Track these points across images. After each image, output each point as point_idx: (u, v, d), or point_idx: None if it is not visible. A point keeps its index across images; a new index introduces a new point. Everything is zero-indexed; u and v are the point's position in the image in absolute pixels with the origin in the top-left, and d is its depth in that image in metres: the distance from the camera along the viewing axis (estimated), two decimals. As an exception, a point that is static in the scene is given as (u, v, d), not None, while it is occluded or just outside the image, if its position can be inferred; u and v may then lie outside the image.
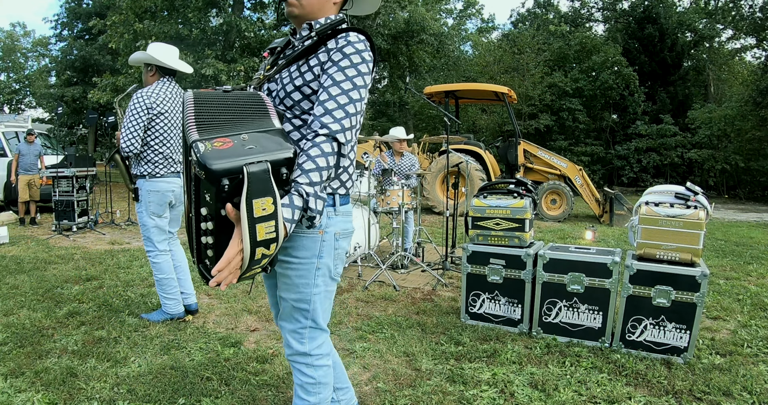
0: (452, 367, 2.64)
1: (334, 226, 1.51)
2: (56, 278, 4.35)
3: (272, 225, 1.16)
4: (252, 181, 1.12)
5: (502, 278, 3.23)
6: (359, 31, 1.42)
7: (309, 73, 1.43)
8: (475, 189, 8.38)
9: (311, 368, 1.58)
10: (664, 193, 3.01)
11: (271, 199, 1.15)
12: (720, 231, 8.09)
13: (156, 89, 3.11)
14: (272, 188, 1.15)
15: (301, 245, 1.47)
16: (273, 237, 1.17)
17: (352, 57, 1.38)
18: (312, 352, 1.58)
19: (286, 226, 1.23)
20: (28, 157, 7.98)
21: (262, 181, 1.13)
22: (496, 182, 3.65)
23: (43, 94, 23.83)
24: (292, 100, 1.45)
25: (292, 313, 1.55)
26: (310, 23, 1.50)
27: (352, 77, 1.38)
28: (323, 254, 1.50)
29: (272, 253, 1.21)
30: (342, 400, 1.89)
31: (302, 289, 1.51)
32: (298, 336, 1.57)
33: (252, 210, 1.12)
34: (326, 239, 1.49)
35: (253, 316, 3.47)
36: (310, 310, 1.54)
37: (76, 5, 22.22)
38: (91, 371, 2.55)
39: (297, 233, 1.46)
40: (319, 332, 1.59)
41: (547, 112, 17.84)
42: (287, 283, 1.53)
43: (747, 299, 4.00)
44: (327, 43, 1.41)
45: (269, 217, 1.15)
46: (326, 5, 1.51)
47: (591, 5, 23.72)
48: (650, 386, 2.49)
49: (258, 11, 15.88)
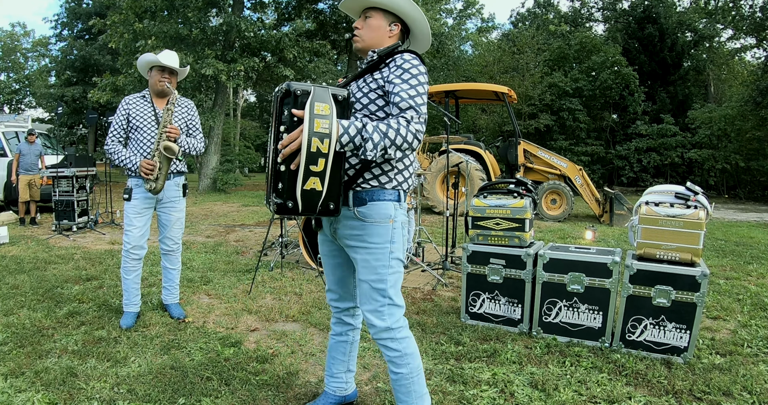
0: (452, 367, 2.64)
1: (401, 217, 1.85)
2: (56, 278, 4.35)
3: (327, 123, 1.53)
4: (316, 93, 1.56)
5: (502, 278, 3.23)
6: (411, 52, 1.78)
7: (374, 83, 1.79)
8: (475, 189, 8.38)
9: (395, 342, 1.82)
10: (664, 193, 3.01)
11: (328, 105, 1.56)
12: (720, 231, 8.08)
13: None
14: (329, 99, 1.57)
15: (376, 232, 1.79)
16: (327, 132, 1.53)
17: (410, 70, 1.73)
18: (393, 326, 1.82)
19: (340, 128, 1.57)
20: (29, 157, 7.98)
21: (322, 94, 1.57)
22: (496, 182, 3.65)
23: (43, 94, 23.84)
24: (361, 104, 1.80)
25: (371, 294, 1.83)
26: (374, 51, 1.88)
27: (414, 84, 1.71)
28: (395, 240, 1.82)
29: (326, 151, 1.53)
30: (349, 382, 2.22)
31: (380, 270, 1.81)
32: (378, 314, 1.82)
33: (313, 108, 1.53)
34: (396, 227, 1.82)
35: (253, 316, 3.47)
36: (387, 289, 1.81)
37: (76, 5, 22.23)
38: (91, 371, 2.55)
39: (369, 223, 1.78)
40: (396, 308, 1.84)
41: (547, 111, 17.84)
42: (366, 267, 1.82)
43: (747, 299, 4.00)
44: (388, 62, 1.78)
45: (325, 117, 1.54)
46: (383, 40, 1.90)
47: (591, 5, 23.73)
48: (650, 386, 2.49)
49: (258, 11, 15.88)
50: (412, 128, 1.64)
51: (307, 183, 1.55)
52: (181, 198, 3.35)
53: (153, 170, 3.04)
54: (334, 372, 2.19)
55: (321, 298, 3.87)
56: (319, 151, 1.52)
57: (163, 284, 3.49)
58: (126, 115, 3.20)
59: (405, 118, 1.65)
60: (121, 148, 3.20)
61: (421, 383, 1.86)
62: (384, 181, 1.80)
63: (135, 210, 3.17)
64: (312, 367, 2.68)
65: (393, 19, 1.90)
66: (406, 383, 1.83)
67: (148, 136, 3.18)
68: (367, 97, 1.79)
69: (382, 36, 1.89)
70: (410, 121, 1.65)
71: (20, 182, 7.83)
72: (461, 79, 19.75)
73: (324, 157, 1.53)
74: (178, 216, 3.35)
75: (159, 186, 3.09)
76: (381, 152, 1.62)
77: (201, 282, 4.30)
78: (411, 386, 1.84)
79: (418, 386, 1.85)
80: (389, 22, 1.90)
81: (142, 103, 3.24)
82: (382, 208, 1.79)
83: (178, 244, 3.43)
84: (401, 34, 1.94)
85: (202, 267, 4.88)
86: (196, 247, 5.92)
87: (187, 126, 3.34)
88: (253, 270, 4.67)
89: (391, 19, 1.90)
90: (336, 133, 1.56)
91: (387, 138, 1.61)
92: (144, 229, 3.22)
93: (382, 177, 1.80)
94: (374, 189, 1.79)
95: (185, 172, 3.41)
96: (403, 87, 1.70)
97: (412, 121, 1.65)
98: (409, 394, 1.84)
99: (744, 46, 19.87)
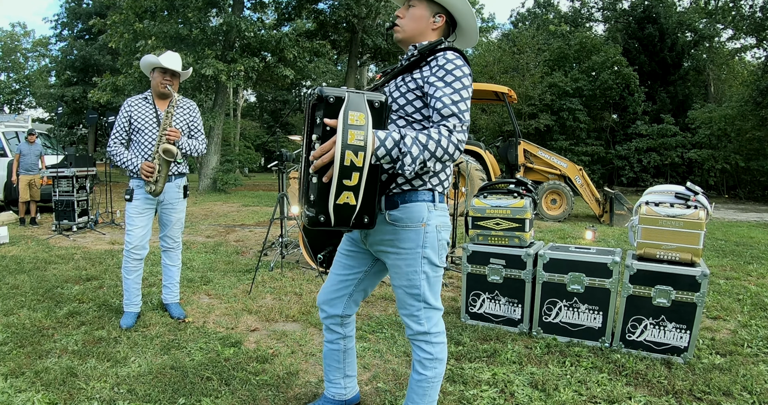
0: (452, 367, 2.64)
1: (435, 219, 1.73)
2: (56, 278, 4.35)
3: (362, 134, 1.43)
4: (350, 100, 1.47)
5: (502, 278, 3.23)
6: (454, 50, 1.65)
7: (413, 83, 1.67)
8: (475, 189, 8.38)
9: (430, 345, 1.78)
10: (664, 192, 3.01)
11: (363, 114, 1.46)
12: (720, 231, 8.08)
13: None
14: (365, 107, 1.47)
15: (407, 238, 1.71)
16: (361, 145, 1.42)
17: (454, 72, 1.60)
18: (431, 331, 1.77)
19: (376, 140, 1.46)
20: (29, 157, 7.97)
21: (357, 101, 1.47)
22: (496, 182, 3.65)
23: (43, 94, 23.84)
24: (398, 104, 1.70)
25: (405, 299, 1.77)
26: (415, 45, 1.76)
27: (458, 87, 1.59)
28: (427, 245, 1.72)
29: (360, 165, 1.43)
30: (348, 387, 2.15)
31: (411, 276, 1.73)
32: (415, 318, 1.77)
33: (347, 118, 1.43)
34: (429, 231, 1.71)
35: (253, 316, 3.47)
36: (421, 294, 1.74)
37: (76, 5, 22.23)
38: (91, 371, 2.55)
39: (402, 227, 1.70)
40: (433, 312, 1.78)
41: (547, 111, 17.84)
42: (398, 273, 1.75)
43: (747, 299, 4.00)
44: (429, 60, 1.65)
45: (360, 127, 1.44)
46: (426, 31, 1.77)
47: (591, 5, 23.73)
48: (650, 386, 2.49)
49: (258, 11, 15.88)
50: (454, 138, 1.52)
51: (340, 197, 1.47)
52: (182, 199, 3.37)
53: (153, 173, 3.06)
54: (331, 378, 2.13)
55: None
56: (353, 164, 1.42)
57: (163, 283, 3.49)
58: (128, 117, 3.21)
59: (447, 128, 1.53)
60: (123, 150, 3.21)
61: (437, 389, 1.84)
62: (417, 185, 1.71)
63: (137, 210, 3.18)
64: (312, 367, 2.68)
65: (438, 9, 1.77)
66: (426, 386, 1.80)
67: (150, 138, 3.19)
68: (405, 97, 1.69)
69: (424, 27, 1.77)
70: (452, 131, 1.53)
71: (20, 182, 7.83)
72: (461, 79, 19.69)
73: (359, 171, 1.44)
74: (178, 216, 3.38)
75: (159, 188, 3.10)
76: (420, 166, 1.51)
77: (201, 282, 4.30)
78: (428, 390, 1.81)
79: (434, 392, 1.82)
80: (433, 13, 1.77)
81: (143, 104, 3.25)
82: (415, 210, 1.69)
83: (178, 242, 3.45)
84: (446, 28, 1.81)
85: (202, 267, 4.88)
86: (196, 247, 5.92)
87: (189, 127, 3.35)
88: (253, 270, 4.67)
89: (435, 10, 1.77)
90: (372, 146, 1.45)
91: (427, 150, 1.49)
92: (146, 229, 3.23)
93: (415, 180, 1.71)
94: (407, 191, 1.70)
95: (186, 173, 3.42)
96: (446, 91, 1.58)
97: (454, 131, 1.53)
98: (424, 398, 1.81)
99: (744, 46, 19.87)
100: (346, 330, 2.04)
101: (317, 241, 4.55)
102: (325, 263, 4.47)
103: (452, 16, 1.81)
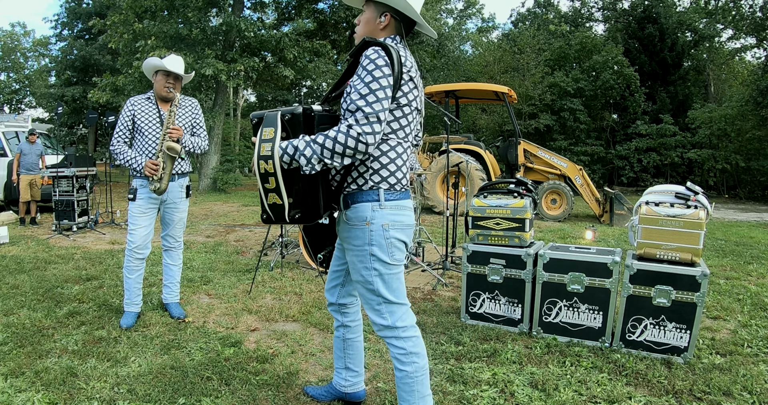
0: (452, 367, 2.64)
1: (381, 218, 1.78)
2: (56, 278, 4.35)
3: (269, 146, 1.68)
4: (266, 118, 1.74)
5: (502, 278, 3.23)
6: (376, 44, 1.69)
7: (350, 87, 1.73)
8: (475, 189, 8.38)
9: (400, 340, 1.83)
10: (664, 192, 3.01)
11: (272, 129, 1.70)
12: (720, 231, 8.08)
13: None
14: (276, 123, 1.71)
15: (356, 236, 1.81)
16: (269, 154, 1.68)
17: (367, 66, 1.66)
18: (396, 325, 1.83)
19: (279, 149, 1.66)
20: (30, 156, 7.97)
21: (271, 118, 1.73)
22: (496, 182, 3.65)
23: (43, 94, 23.84)
24: (350, 111, 1.75)
25: (365, 293, 1.86)
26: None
27: (368, 80, 1.64)
28: (373, 243, 1.79)
29: (272, 171, 1.67)
30: (349, 381, 2.21)
31: (363, 272, 1.83)
32: (377, 312, 1.84)
33: (261, 134, 1.72)
34: (374, 230, 1.78)
35: (253, 316, 3.47)
36: (375, 289, 1.82)
37: (76, 5, 22.21)
38: (91, 371, 2.55)
39: (351, 225, 1.81)
40: (395, 306, 1.84)
41: (547, 111, 17.82)
42: (354, 268, 1.86)
43: (747, 299, 4.00)
44: (361, 61, 1.71)
45: (269, 140, 1.70)
46: (375, 32, 1.83)
47: (591, 5, 23.72)
48: (650, 386, 2.49)
49: (258, 11, 15.87)
50: (353, 132, 1.60)
51: (268, 198, 1.73)
52: (185, 199, 3.38)
53: (157, 170, 3.08)
54: (336, 366, 2.25)
55: (321, 298, 3.87)
56: (266, 171, 1.68)
57: (163, 282, 3.49)
58: (131, 116, 3.22)
59: (347, 123, 1.63)
60: (127, 149, 3.23)
61: (425, 384, 1.85)
62: (361, 183, 1.79)
63: (140, 210, 3.19)
64: (312, 367, 2.68)
65: (384, 8, 1.81)
66: (410, 382, 1.83)
67: (153, 137, 3.21)
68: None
69: (373, 29, 1.83)
70: (352, 125, 1.61)
71: (21, 182, 7.83)
72: (461, 79, 19.72)
73: (273, 175, 1.68)
74: (180, 216, 3.39)
75: (163, 186, 3.11)
76: (319, 165, 1.64)
77: (201, 282, 4.30)
78: (414, 385, 1.83)
79: (421, 386, 1.84)
80: (379, 13, 1.81)
81: (147, 105, 3.26)
82: (360, 210, 1.79)
83: (180, 242, 3.46)
84: (397, 25, 1.83)
85: (202, 267, 4.88)
86: (196, 247, 5.92)
87: (192, 125, 3.37)
88: (253, 270, 4.67)
89: (381, 10, 1.81)
90: (277, 154, 1.66)
91: (324, 148, 1.62)
92: (148, 228, 3.24)
93: (359, 179, 1.80)
94: (354, 192, 1.81)
95: (189, 172, 3.43)
96: (357, 86, 1.65)
97: (355, 125, 1.61)
98: (412, 394, 1.84)
99: (744, 46, 19.87)
100: (345, 319, 2.16)
101: (317, 241, 4.55)
102: (324, 263, 4.46)
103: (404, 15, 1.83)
